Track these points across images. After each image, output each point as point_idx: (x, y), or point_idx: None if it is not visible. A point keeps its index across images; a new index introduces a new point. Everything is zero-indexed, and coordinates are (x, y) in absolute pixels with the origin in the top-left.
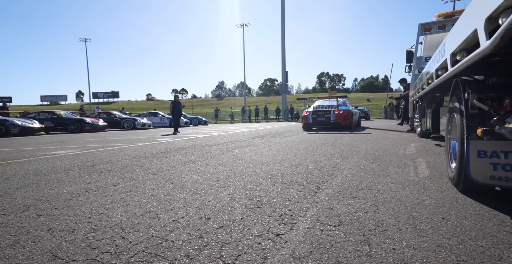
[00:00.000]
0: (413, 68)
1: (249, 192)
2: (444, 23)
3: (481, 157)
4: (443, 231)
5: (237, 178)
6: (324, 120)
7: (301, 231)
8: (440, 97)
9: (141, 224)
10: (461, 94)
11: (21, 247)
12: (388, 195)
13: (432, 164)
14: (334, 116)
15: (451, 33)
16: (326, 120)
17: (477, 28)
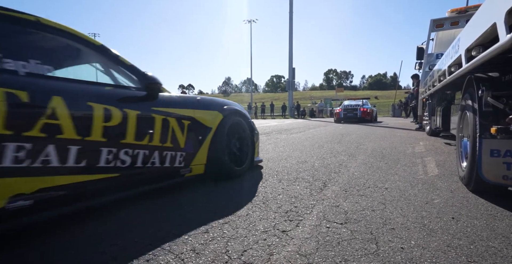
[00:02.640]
0: (424, 65)
1: (255, 188)
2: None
3: (494, 156)
4: (453, 231)
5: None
6: (353, 115)
7: (307, 228)
8: (451, 94)
9: (147, 218)
10: (475, 91)
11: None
12: (396, 193)
13: (442, 163)
14: (360, 113)
15: (467, 27)
16: (354, 115)
17: (496, 22)
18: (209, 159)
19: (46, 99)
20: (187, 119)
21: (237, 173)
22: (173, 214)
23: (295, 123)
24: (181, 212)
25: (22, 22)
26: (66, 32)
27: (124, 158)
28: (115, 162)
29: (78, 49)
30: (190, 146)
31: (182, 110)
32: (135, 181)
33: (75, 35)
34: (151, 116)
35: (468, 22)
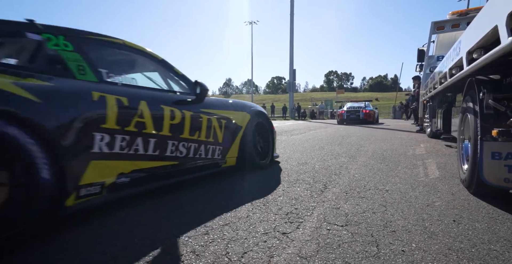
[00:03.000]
0: (425, 67)
1: (255, 190)
2: (458, 21)
3: (496, 159)
4: (454, 234)
5: None
6: (355, 117)
7: (307, 230)
8: (452, 97)
9: (147, 219)
10: (476, 94)
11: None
12: (397, 196)
13: (443, 165)
14: (362, 114)
15: (468, 30)
16: (356, 117)
17: (497, 25)
18: (239, 152)
19: (137, 103)
20: (224, 119)
21: (261, 166)
22: (173, 215)
23: (295, 125)
24: (181, 213)
25: (115, 45)
26: (140, 51)
27: (182, 150)
28: (176, 152)
29: (147, 63)
30: (226, 141)
31: (221, 111)
32: (188, 169)
33: (145, 52)
34: (199, 116)
35: (469, 24)
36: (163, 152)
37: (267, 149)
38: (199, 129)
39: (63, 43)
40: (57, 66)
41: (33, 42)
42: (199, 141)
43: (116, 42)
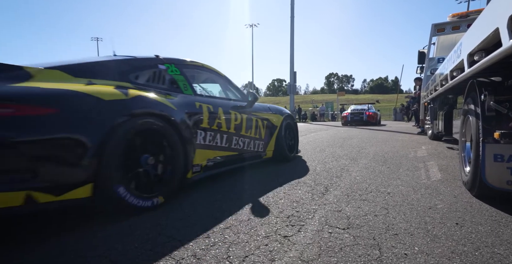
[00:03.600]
0: (425, 69)
1: (256, 192)
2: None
3: (498, 161)
4: (457, 237)
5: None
6: (359, 119)
7: (309, 234)
8: (453, 99)
9: (148, 222)
10: (477, 96)
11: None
12: (399, 198)
13: (445, 168)
14: (366, 116)
15: (469, 32)
16: (360, 119)
17: (499, 27)
18: (275, 147)
19: (217, 109)
20: (265, 120)
21: (290, 158)
22: (174, 218)
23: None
24: (182, 216)
25: (198, 67)
26: (211, 69)
27: (240, 143)
28: (237, 145)
29: (215, 78)
30: (266, 137)
31: (263, 114)
32: (243, 158)
33: (214, 70)
34: (251, 118)
35: (470, 26)
36: (230, 145)
37: (293, 145)
38: (250, 128)
39: (174, 69)
40: (174, 86)
41: (162, 71)
42: (250, 137)
43: (199, 65)
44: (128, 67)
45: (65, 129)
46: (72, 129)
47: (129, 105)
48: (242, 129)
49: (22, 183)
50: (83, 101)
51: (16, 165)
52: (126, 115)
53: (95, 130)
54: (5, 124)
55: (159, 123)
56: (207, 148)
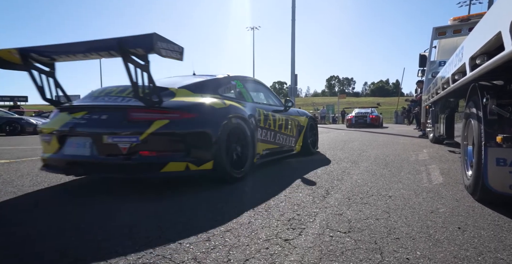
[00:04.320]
0: (426, 72)
1: (257, 195)
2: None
3: (500, 165)
4: (460, 241)
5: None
6: (363, 121)
7: (310, 237)
8: (454, 102)
9: (149, 225)
10: (479, 99)
11: (31, 245)
12: (400, 202)
13: (446, 171)
14: (369, 119)
15: (471, 36)
16: (364, 121)
17: (501, 31)
18: (302, 143)
19: (268, 113)
20: (296, 121)
21: (313, 152)
22: (174, 220)
23: None
24: (183, 219)
25: (250, 80)
26: (258, 81)
27: (281, 139)
28: (279, 140)
29: (260, 88)
30: (297, 135)
31: (294, 116)
32: (282, 151)
33: (259, 82)
34: (287, 119)
35: (472, 30)
36: (275, 140)
37: (315, 141)
38: (287, 127)
39: (239, 84)
40: (241, 96)
41: (234, 86)
42: (287, 134)
43: (252, 79)
44: (216, 84)
45: (201, 126)
46: (205, 126)
47: (228, 111)
48: (282, 128)
49: (184, 157)
50: (207, 109)
51: (181, 147)
52: (227, 117)
53: (214, 127)
54: (175, 123)
55: (241, 123)
56: (262, 141)
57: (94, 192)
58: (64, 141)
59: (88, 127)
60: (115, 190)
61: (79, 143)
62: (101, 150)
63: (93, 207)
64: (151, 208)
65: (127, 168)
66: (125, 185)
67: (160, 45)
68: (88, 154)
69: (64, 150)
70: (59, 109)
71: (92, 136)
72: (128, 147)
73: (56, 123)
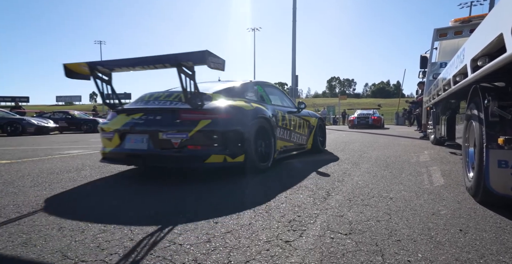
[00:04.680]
0: (428, 74)
1: (257, 197)
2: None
3: (502, 167)
4: (461, 244)
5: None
6: (365, 122)
7: (310, 239)
8: (455, 103)
9: (150, 226)
10: (481, 101)
11: (32, 245)
12: (402, 203)
13: (447, 173)
14: (371, 120)
15: (472, 37)
16: (366, 122)
17: (503, 33)
18: (312, 141)
19: (284, 114)
20: (307, 121)
21: (322, 150)
22: (174, 222)
23: None
24: (183, 221)
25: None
26: (274, 86)
27: (295, 137)
28: (294, 138)
29: (276, 91)
30: (308, 134)
31: (306, 117)
32: (295, 148)
33: (275, 86)
34: (300, 119)
35: (474, 31)
36: (290, 138)
37: (323, 140)
38: (300, 127)
39: (260, 88)
40: (262, 99)
41: (256, 90)
42: (300, 133)
43: (270, 84)
44: (243, 89)
45: (235, 125)
46: (238, 125)
47: (255, 112)
48: (296, 127)
49: (222, 151)
50: (239, 110)
51: (220, 142)
52: (254, 118)
53: (245, 126)
54: (215, 122)
55: (265, 122)
56: (280, 139)
57: (95, 193)
58: (124, 137)
59: (146, 126)
60: (116, 191)
61: (138, 139)
62: (157, 144)
63: (94, 207)
64: (150, 210)
65: (178, 159)
66: (126, 185)
67: (210, 59)
68: (145, 148)
69: (125, 145)
70: (115, 111)
71: (149, 133)
72: (179, 142)
73: (117, 123)
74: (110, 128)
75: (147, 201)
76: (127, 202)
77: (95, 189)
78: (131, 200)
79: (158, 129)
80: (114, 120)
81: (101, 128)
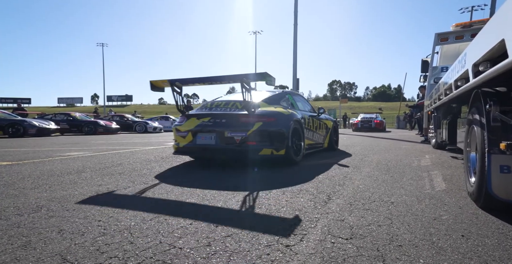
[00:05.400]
0: (429, 78)
1: (258, 200)
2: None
3: (504, 173)
4: (463, 249)
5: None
6: (368, 126)
7: (311, 243)
8: (457, 108)
9: (149, 229)
10: (482, 106)
11: (32, 248)
12: (403, 208)
13: (449, 177)
14: (374, 124)
15: (474, 42)
16: (369, 126)
17: (504, 39)
18: (328, 141)
19: (308, 117)
20: (325, 124)
21: (336, 148)
22: (175, 226)
23: None
24: (183, 224)
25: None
26: (299, 94)
27: (316, 137)
28: (315, 138)
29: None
30: (325, 134)
31: (323, 120)
32: (316, 146)
33: (299, 94)
34: (320, 122)
35: (475, 37)
36: (313, 137)
37: (337, 140)
38: (319, 128)
39: (290, 97)
40: (292, 106)
41: (288, 98)
42: (320, 133)
43: (296, 93)
44: (280, 98)
45: (279, 126)
46: (281, 126)
47: (291, 116)
48: (317, 129)
49: (270, 146)
50: (281, 115)
51: (269, 139)
52: (290, 120)
53: (285, 127)
54: (265, 124)
55: (298, 124)
56: (306, 138)
57: (95, 195)
58: (196, 135)
59: (214, 127)
60: (116, 194)
61: (207, 137)
62: (223, 141)
63: (93, 210)
64: (150, 213)
65: (239, 152)
66: (126, 188)
67: (268, 78)
68: (213, 143)
69: (196, 141)
70: (185, 116)
71: (217, 132)
72: (240, 139)
73: (190, 124)
74: (185, 129)
75: (145, 203)
76: (126, 205)
77: (94, 191)
78: (130, 204)
79: (223, 129)
80: (186, 122)
81: (176, 128)
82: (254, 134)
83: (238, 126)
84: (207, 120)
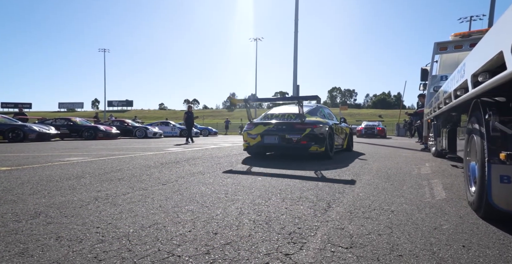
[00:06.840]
0: (428, 86)
1: (257, 207)
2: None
3: (504, 183)
4: (464, 260)
5: (245, 192)
6: (371, 132)
7: (311, 252)
8: (457, 116)
9: (148, 237)
10: (481, 115)
11: (29, 256)
12: (403, 217)
13: (449, 186)
14: (376, 130)
15: (473, 53)
16: (372, 132)
17: (503, 51)
18: (346, 144)
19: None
20: (344, 130)
21: (351, 150)
22: (173, 233)
23: None
24: (182, 231)
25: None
26: (325, 106)
27: (339, 140)
28: (338, 141)
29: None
30: (344, 138)
31: (343, 127)
32: (339, 147)
33: (325, 106)
34: (341, 128)
35: (474, 47)
36: (337, 140)
37: (352, 143)
38: (341, 133)
39: (322, 110)
40: (324, 116)
41: (321, 110)
42: (341, 137)
43: (324, 106)
44: (316, 110)
45: (321, 131)
46: (322, 131)
47: (327, 124)
48: (339, 133)
49: (316, 144)
50: (321, 123)
51: (314, 140)
52: (327, 127)
53: (324, 132)
54: (312, 130)
55: (330, 130)
56: (335, 141)
57: (94, 201)
58: (263, 137)
59: (277, 131)
60: (115, 200)
61: (272, 138)
62: (284, 140)
63: (92, 216)
64: (150, 219)
65: (295, 148)
66: (125, 194)
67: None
68: (277, 142)
69: (264, 141)
70: (253, 124)
71: (279, 135)
72: (296, 139)
73: (259, 129)
74: (255, 132)
75: (144, 210)
76: (125, 212)
77: (93, 197)
78: (129, 210)
79: (284, 133)
80: (255, 128)
81: (248, 132)
82: (306, 136)
83: (295, 130)
84: (272, 127)
